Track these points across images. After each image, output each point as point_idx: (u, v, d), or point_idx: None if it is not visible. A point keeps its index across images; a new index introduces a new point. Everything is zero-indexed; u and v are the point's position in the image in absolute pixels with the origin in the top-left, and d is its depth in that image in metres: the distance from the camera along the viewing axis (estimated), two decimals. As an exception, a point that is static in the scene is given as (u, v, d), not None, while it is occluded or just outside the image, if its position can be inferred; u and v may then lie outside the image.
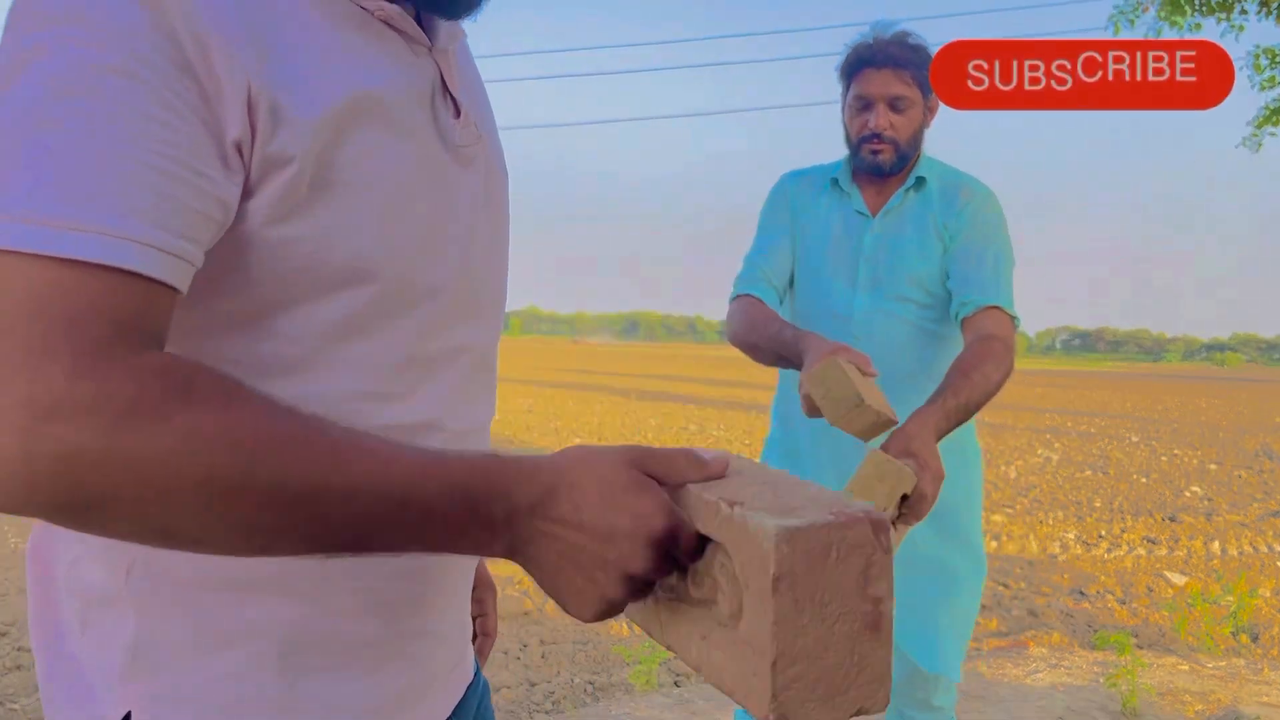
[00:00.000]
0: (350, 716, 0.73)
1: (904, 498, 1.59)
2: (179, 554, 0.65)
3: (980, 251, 1.95)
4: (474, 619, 1.00)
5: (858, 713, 0.62)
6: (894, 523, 1.61)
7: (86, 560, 0.70)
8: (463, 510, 0.61)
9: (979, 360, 1.83)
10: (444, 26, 0.77)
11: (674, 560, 0.64)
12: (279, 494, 0.56)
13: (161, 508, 0.55)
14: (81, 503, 0.54)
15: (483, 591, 1.05)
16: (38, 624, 0.75)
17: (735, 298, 2.13)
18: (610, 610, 0.64)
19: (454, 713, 0.85)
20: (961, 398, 1.79)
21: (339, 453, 0.58)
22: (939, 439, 1.78)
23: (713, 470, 0.67)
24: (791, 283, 2.15)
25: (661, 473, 0.65)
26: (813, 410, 1.71)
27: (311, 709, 0.71)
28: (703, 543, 0.65)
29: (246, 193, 0.62)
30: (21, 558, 4.93)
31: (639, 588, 0.64)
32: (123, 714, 0.68)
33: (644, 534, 0.61)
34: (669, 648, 0.70)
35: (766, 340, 1.96)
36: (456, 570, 0.81)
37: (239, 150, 0.60)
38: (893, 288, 1.99)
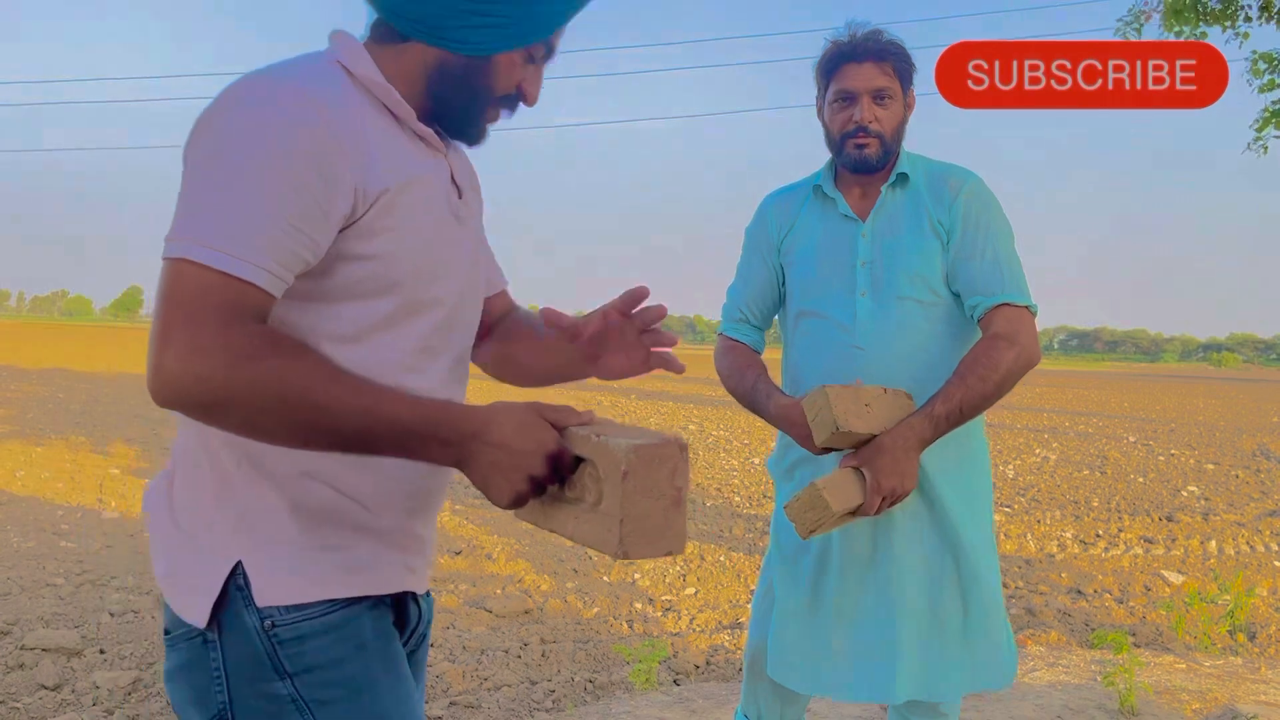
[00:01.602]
0: (357, 575, 1.09)
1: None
2: (268, 453, 1.04)
3: (980, 248, 1.92)
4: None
5: (667, 553, 1.03)
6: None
7: (206, 467, 1.07)
8: (429, 432, 0.99)
9: (975, 363, 1.83)
10: (452, 143, 1.21)
11: (558, 472, 1.04)
12: (322, 409, 0.95)
13: (255, 412, 0.93)
14: (212, 404, 0.92)
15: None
16: (161, 533, 1.10)
17: (720, 333, 2.19)
18: (519, 500, 1.03)
19: (420, 601, 1.23)
20: (953, 403, 1.80)
21: (358, 389, 0.97)
22: (924, 447, 1.80)
23: (584, 419, 1.07)
24: (784, 300, 2.14)
25: (554, 418, 1.05)
26: (817, 448, 1.84)
27: (333, 565, 1.08)
28: (576, 462, 1.04)
29: (345, 229, 1.03)
30: (23, 557, 4.97)
31: (537, 487, 1.03)
32: (235, 561, 1.04)
33: (543, 451, 1.02)
34: (551, 529, 1.09)
35: (744, 396, 2.06)
36: (439, 498, 1.20)
37: (343, 218, 1.01)
38: (893, 289, 1.95)
